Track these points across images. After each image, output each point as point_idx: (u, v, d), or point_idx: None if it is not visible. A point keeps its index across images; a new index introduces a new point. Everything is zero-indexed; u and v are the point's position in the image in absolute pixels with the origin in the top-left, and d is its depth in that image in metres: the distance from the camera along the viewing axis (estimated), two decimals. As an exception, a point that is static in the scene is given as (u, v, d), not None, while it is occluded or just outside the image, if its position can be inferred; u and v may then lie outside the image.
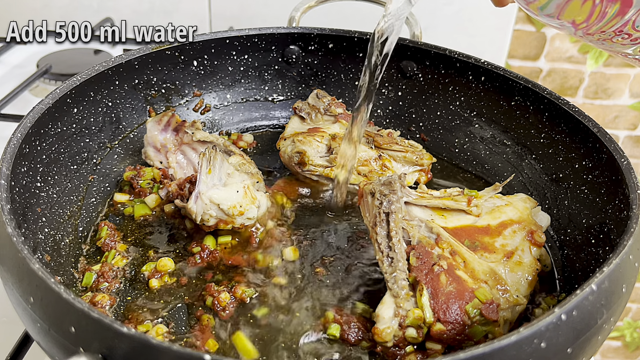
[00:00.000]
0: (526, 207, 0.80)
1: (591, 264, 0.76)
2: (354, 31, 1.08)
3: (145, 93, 1.01)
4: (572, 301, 0.53)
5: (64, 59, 1.38)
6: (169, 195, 0.86)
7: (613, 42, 0.60)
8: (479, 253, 0.73)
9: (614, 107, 1.67)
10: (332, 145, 0.93)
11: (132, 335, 0.47)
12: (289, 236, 0.85)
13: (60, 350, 0.52)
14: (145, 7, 1.52)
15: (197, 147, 0.93)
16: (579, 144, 0.85)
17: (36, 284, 0.53)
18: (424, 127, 1.09)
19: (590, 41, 0.62)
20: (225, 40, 1.05)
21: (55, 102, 0.80)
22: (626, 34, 0.58)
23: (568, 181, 0.87)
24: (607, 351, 2.04)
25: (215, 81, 1.09)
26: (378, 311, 0.67)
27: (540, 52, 1.59)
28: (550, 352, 0.51)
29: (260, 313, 0.72)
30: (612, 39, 0.59)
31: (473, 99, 1.03)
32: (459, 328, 0.66)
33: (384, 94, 1.11)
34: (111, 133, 0.95)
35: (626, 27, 0.57)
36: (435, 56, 1.04)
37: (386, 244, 0.71)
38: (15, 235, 0.58)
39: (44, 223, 0.76)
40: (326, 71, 1.13)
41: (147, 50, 0.98)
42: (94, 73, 0.89)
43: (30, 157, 0.75)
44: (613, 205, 0.75)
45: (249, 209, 0.81)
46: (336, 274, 0.78)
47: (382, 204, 0.73)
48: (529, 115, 0.95)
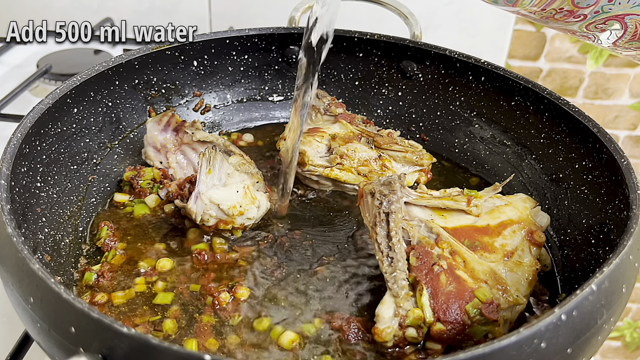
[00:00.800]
0: (526, 207, 0.80)
1: (591, 264, 0.76)
2: (354, 31, 1.08)
3: (145, 93, 1.01)
4: (572, 301, 0.53)
5: (64, 59, 1.38)
6: (169, 195, 0.86)
7: (557, 20, 0.61)
8: (479, 253, 0.73)
9: (614, 107, 1.67)
10: (332, 145, 0.93)
11: (132, 335, 0.47)
12: (289, 236, 0.85)
13: (60, 350, 0.52)
14: (145, 7, 1.52)
15: (197, 147, 0.93)
16: (579, 144, 0.85)
17: (36, 284, 0.53)
18: (424, 127, 1.09)
19: (534, 20, 0.63)
20: (225, 40, 1.05)
21: (55, 102, 0.80)
22: (567, 11, 0.59)
23: (568, 181, 0.87)
24: (607, 351, 2.04)
25: (215, 81, 1.09)
26: (378, 311, 0.67)
27: (540, 52, 1.59)
28: (550, 352, 0.51)
29: (261, 313, 0.72)
30: (555, 17, 0.60)
31: (473, 99, 1.03)
32: (459, 328, 0.66)
33: (384, 94, 1.11)
34: (111, 133, 0.95)
35: (565, 4, 0.58)
36: (435, 56, 1.04)
37: (386, 244, 0.71)
38: (15, 235, 0.58)
39: (44, 223, 0.76)
40: (326, 71, 1.13)
41: (147, 50, 0.98)
42: (94, 73, 0.89)
43: (30, 157, 0.75)
44: (613, 206, 0.75)
45: (248, 209, 0.81)
46: (336, 274, 0.78)
47: (382, 204, 0.73)
48: (529, 115, 0.95)
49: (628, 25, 0.60)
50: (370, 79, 1.12)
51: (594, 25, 0.61)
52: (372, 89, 1.12)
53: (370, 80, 1.12)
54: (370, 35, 1.07)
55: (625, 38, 0.62)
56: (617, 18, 0.60)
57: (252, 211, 0.82)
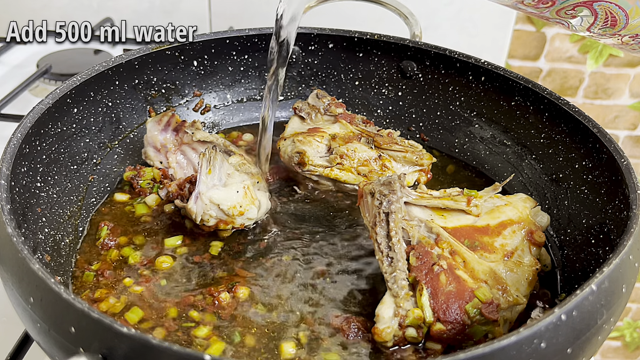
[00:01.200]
0: (526, 207, 0.80)
1: (591, 264, 0.76)
2: (354, 31, 1.08)
3: (145, 93, 1.01)
4: (572, 301, 0.53)
5: (64, 59, 1.38)
6: (169, 195, 0.86)
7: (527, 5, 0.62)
8: (479, 253, 0.73)
9: (614, 107, 1.67)
10: (332, 145, 0.93)
11: (132, 335, 0.47)
12: (289, 236, 0.85)
13: (60, 350, 0.52)
14: (145, 7, 1.52)
15: (197, 147, 0.93)
16: (579, 144, 0.85)
17: (36, 284, 0.53)
18: (424, 127, 1.09)
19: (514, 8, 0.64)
20: (225, 40, 1.05)
21: (55, 102, 0.81)
22: None
23: (568, 181, 0.87)
24: (607, 351, 2.04)
25: (215, 81, 1.09)
26: (378, 311, 0.67)
27: (540, 52, 1.59)
28: (550, 352, 0.51)
29: (261, 312, 0.72)
30: (524, 2, 0.61)
31: (473, 99, 1.03)
32: (459, 328, 0.66)
33: (384, 94, 1.11)
34: (111, 133, 0.95)
35: None
36: (435, 56, 1.04)
37: (386, 244, 0.71)
38: (15, 235, 0.58)
39: (44, 223, 0.76)
40: (326, 71, 1.13)
41: (147, 50, 0.98)
42: (94, 73, 0.89)
43: (30, 157, 0.75)
44: (613, 206, 0.75)
45: (249, 209, 0.81)
46: (336, 274, 0.78)
47: (382, 204, 0.73)
48: (529, 115, 0.95)
49: (597, 12, 0.60)
50: (370, 79, 1.12)
51: (564, 12, 0.61)
52: (372, 89, 1.12)
53: (370, 80, 1.12)
54: (370, 35, 1.07)
55: (598, 24, 0.62)
56: (585, 5, 0.60)
57: (252, 211, 0.82)
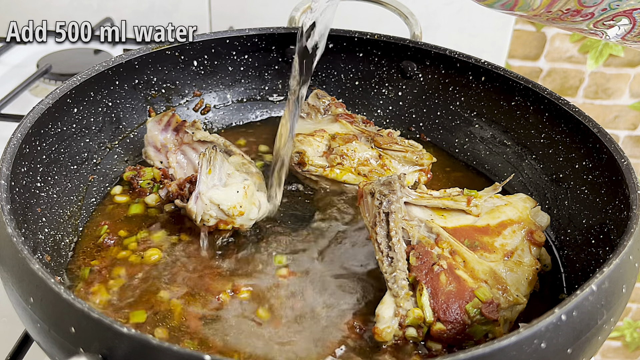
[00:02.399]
0: (526, 207, 0.80)
1: (591, 264, 0.76)
2: (354, 31, 1.08)
3: (145, 93, 1.01)
4: (572, 302, 0.53)
5: (64, 59, 1.38)
6: (169, 195, 0.86)
7: (563, 20, 0.61)
8: (479, 253, 0.73)
9: (614, 107, 1.67)
10: (332, 145, 0.93)
11: (132, 335, 0.47)
12: (289, 236, 0.85)
13: (60, 350, 0.52)
14: (145, 7, 1.52)
15: (197, 147, 0.93)
16: (579, 144, 0.85)
17: (36, 284, 0.53)
18: (424, 127, 1.09)
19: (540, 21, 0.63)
20: (225, 40, 1.05)
21: (55, 102, 0.80)
22: (574, 11, 0.59)
23: (568, 181, 0.87)
24: (607, 351, 2.04)
25: (215, 81, 1.09)
26: (378, 311, 0.67)
27: (540, 52, 1.59)
28: (550, 352, 0.51)
29: (261, 312, 0.72)
30: (561, 17, 0.61)
31: (473, 99, 1.03)
32: (459, 327, 0.66)
33: (384, 94, 1.11)
34: (111, 133, 0.95)
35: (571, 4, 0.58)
36: (435, 56, 1.04)
37: (386, 244, 0.71)
38: (15, 235, 0.58)
39: (44, 223, 0.76)
40: (326, 71, 1.13)
41: (147, 50, 0.98)
42: (94, 73, 0.89)
43: (30, 157, 0.75)
44: (613, 206, 0.75)
45: (249, 209, 0.81)
46: (336, 274, 0.78)
47: (382, 204, 0.73)
48: (529, 115, 0.95)
49: (637, 19, 0.60)
50: (370, 79, 1.12)
51: (601, 23, 0.61)
52: (372, 89, 1.12)
53: (370, 80, 1.12)
54: (370, 35, 1.07)
55: (635, 32, 0.62)
56: (625, 14, 0.60)
57: (252, 211, 0.81)
